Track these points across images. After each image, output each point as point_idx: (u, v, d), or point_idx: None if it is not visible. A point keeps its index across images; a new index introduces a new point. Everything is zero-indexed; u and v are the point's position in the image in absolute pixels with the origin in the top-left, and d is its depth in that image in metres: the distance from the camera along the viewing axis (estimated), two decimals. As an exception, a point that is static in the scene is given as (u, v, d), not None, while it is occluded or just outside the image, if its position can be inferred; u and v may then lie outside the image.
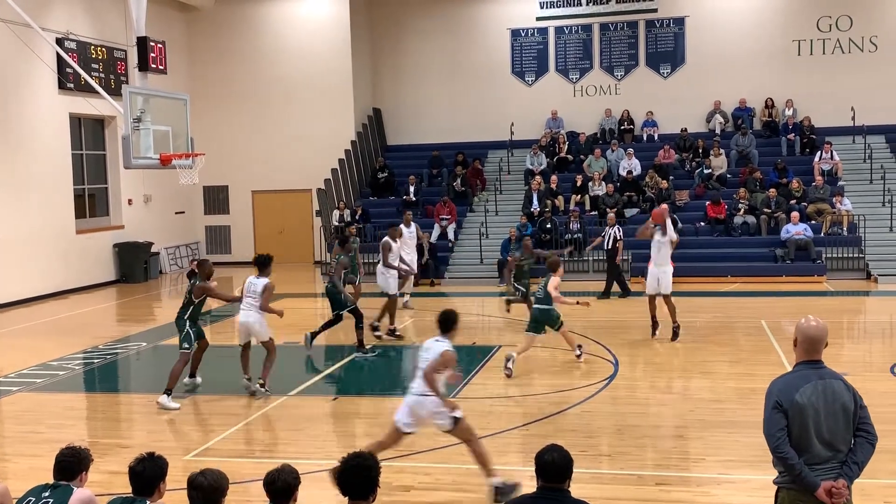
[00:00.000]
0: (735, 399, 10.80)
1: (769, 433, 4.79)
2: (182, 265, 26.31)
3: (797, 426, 4.75)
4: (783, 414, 4.75)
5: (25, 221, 20.38)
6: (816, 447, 4.76)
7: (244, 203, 27.67)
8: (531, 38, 27.22)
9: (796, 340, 4.96)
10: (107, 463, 8.82)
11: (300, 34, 26.79)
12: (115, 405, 11.84)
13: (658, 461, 8.63)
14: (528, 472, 8.36)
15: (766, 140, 25.29)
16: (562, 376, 11.61)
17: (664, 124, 26.35)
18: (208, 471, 4.90)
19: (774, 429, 4.76)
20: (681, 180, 24.18)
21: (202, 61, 27.14)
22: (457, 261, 22.92)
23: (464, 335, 15.97)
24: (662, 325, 14.17)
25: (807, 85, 25.37)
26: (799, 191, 22.47)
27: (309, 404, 10.96)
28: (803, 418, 4.74)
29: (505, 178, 25.52)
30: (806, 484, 4.72)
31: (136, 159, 13.12)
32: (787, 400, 4.76)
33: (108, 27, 23.07)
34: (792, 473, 4.76)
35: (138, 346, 15.43)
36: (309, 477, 7.90)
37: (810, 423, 4.74)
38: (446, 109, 27.52)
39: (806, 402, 4.74)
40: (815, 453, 4.76)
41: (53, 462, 5.32)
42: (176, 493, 5.29)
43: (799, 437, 4.76)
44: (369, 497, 4.66)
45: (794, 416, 4.75)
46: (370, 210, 24.89)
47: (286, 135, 26.74)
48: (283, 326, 16.97)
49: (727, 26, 25.97)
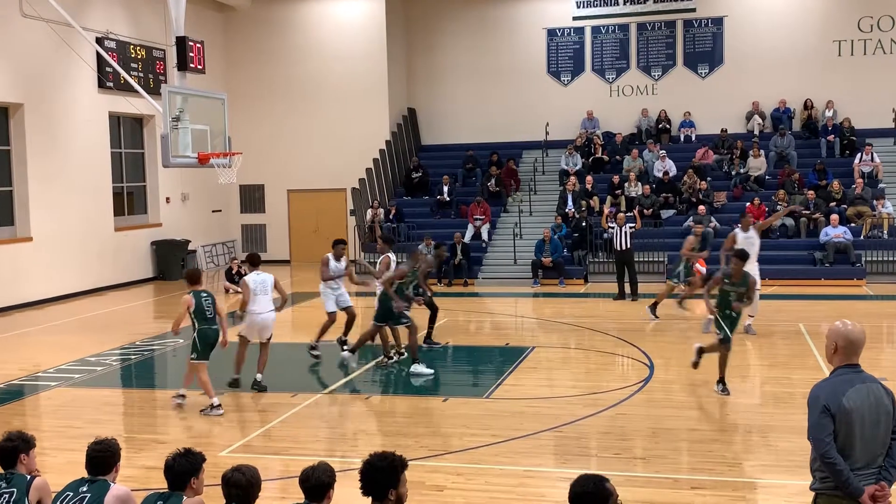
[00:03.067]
0: (772, 403, 10.67)
1: (817, 438, 4.69)
2: (218, 263, 26.54)
3: (843, 431, 4.68)
4: (831, 419, 4.67)
5: (65, 219, 20.66)
6: (860, 453, 4.69)
7: (280, 202, 27.84)
8: (567, 37, 27.11)
9: (836, 346, 4.84)
10: (143, 458, 8.92)
11: (336, 34, 26.90)
12: (151, 401, 11.96)
13: (693, 465, 8.54)
14: (563, 475, 8.36)
15: (805, 141, 24.97)
16: (596, 378, 11.54)
17: (701, 125, 26.12)
18: (243, 467, 4.92)
19: (823, 434, 4.67)
20: (718, 181, 23.95)
21: (239, 61, 27.36)
22: (490, 261, 22.88)
23: (497, 336, 16.00)
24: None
25: (847, 86, 25.01)
26: (839, 193, 22.16)
27: (343, 402, 10.99)
28: (849, 423, 4.67)
29: (539, 179, 25.46)
30: (852, 490, 4.64)
31: (175, 158, 13.23)
32: (834, 404, 4.68)
33: (146, 27, 23.32)
34: (839, 480, 4.66)
35: (175, 342, 15.57)
36: (343, 475, 7.93)
37: (856, 428, 4.67)
38: (481, 109, 27.49)
39: (853, 407, 4.67)
40: (858, 458, 4.69)
41: (85, 456, 5.37)
42: (211, 489, 5.32)
43: (844, 443, 4.68)
44: (388, 494, 4.57)
45: (841, 420, 4.67)
46: (404, 210, 24.93)
47: (321, 134, 26.87)
48: (316, 326, 17.06)
49: (766, 26, 25.68)
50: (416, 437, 9.30)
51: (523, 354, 13.51)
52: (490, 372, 12.97)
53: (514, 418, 10.06)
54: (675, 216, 22.75)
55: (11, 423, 9.98)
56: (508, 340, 14.98)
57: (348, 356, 12.75)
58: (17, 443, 5.53)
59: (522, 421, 9.93)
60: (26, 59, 19.54)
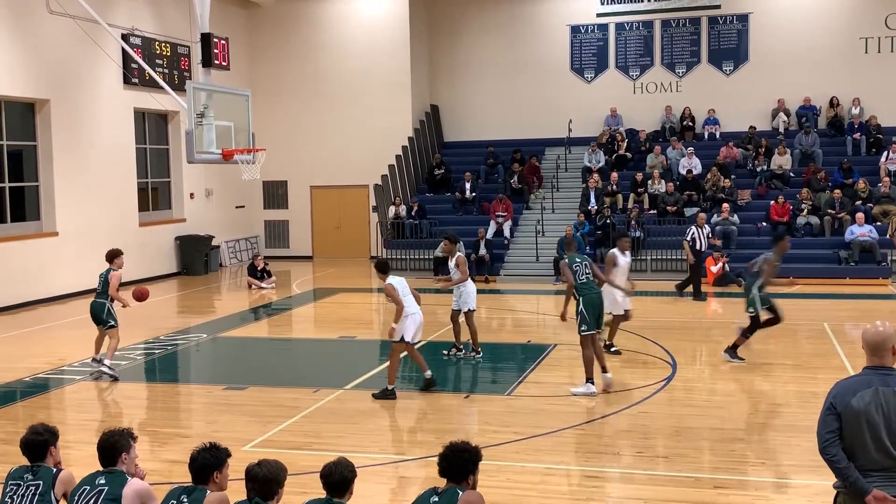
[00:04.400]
0: (795, 403, 10.60)
1: (819, 434, 4.79)
2: (241, 259, 26.68)
3: (851, 431, 4.70)
4: (836, 417, 4.72)
5: (90, 214, 20.83)
6: (873, 454, 4.67)
7: (302, 198, 27.94)
8: (591, 34, 27.01)
9: (863, 346, 4.91)
10: (167, 452, 9.00)
11: (359, 30, 26.94)
12: (175, 395, 12.05)
13: (716, 464, 8.50)
14: (585, 472, 8.34)
15: (830, 139, 24.75)
16: (618, 376, 11.50)
17: (726, 122, 25.96)
18: (265, 461, 4.96)
19: (824, 430, 4.76)
20: (742, 179, 23.79)
21: (263, 57, 27.47)
22: (512, 258, 22.86)
23: (518, 333, 15.98)
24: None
25: (874, 83, 24.77)
26: (865, 191, 21.96)
27: (365, 398, 11.02)
28: (857, 423, 4.67)
29: (562, 176, 25.39)
30: (856, 488, 4.67)
31: (199, 154, 13.31)
32: (841, 403, 4.72)
33: (171, 23, 23.47)
34: (840, 476, 4.73)
35: (198, 337, 15.68)
36: (365, 471, 7.95)
37: (865, 429, 4.67)
38: (504, 106, 27.45)
39: (862, 408, 4.67)
40: (872, 459, 4.68)
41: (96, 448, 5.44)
42: (234, 483, 5.36)
43: (852, 442, 4.70)
44: (463, 482, 5.05)
45: (849, 420, 4.69)
46: (426, 206, 24.95)
47: (344, 130, 26.93)
48: (338, 322, 17.14)
49: (792, 23, 25.47)
50: (438, 433, 9.31)
51: (545, 352, 13.49)
52: (512, 369, 12.96)
53: (536, 416, 10.05)
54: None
55: (36, 416, 10.09)
56: (530, 338, 14.97)
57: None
58: (46, 436, 5.59)
59: (544, 418, 9.91)
60: (52, 56, 19.72)
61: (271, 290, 21.15)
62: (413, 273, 22.44)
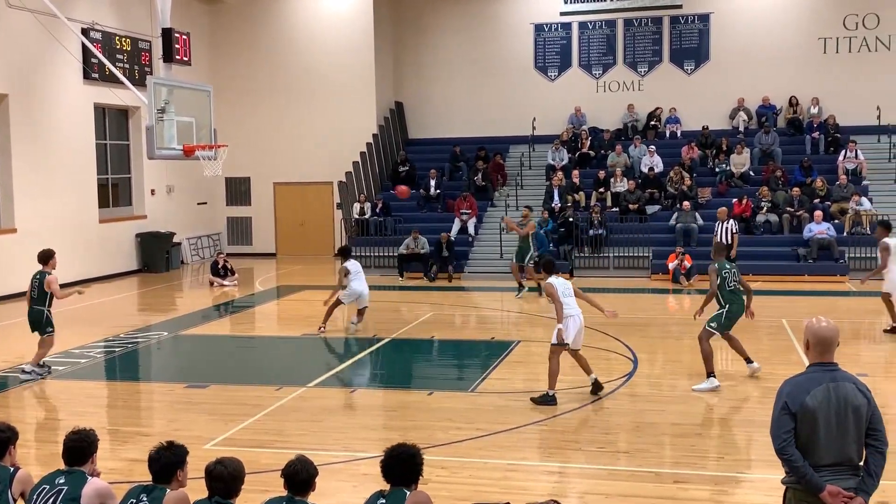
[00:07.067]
0: (755, 398, 10.75)
1: (775, 434, 4.78)
2: (204, 256, 26.47)
3: (806, 429, 4.72)
4: (791, 417, 4.73)
5: (49, 210, 20.55)
6: (825, 450, 4.72)
7: (266, 195, 27.78)
8: (554, 33, 27.13)
9: (808, 342, 4.93)
10: (127, 451, 8.91)
11: (323, 27, 26.83)
12: (135, 393, 11.93)
13: (676, 459, 8.60)
14: (547, 468, 8.41)
15: (790, 138, 25.09)
16: (580, 373, 11.57)
17: (687, 121, 26.22)
18: (226, 459, 4.94)
19: (780, 431, 4.75)
20: (703, 177, 24.05)
21: (226, 53, 27.26)
22: (476, 255, 22.91)
23: (482, 330, 16.03)
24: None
25: (832, 83, 25.15)
26: (823, 190, 22.29)
27: (328, 396, 11.00)
28: (813, 421, 4.71)
29: (526, 174, 25.50)
30: (811, 486, 4.70)
31: (160, 150, 13.21)
32: (795, 403, 4.74)
33: (133, 18, 23.20)
34: (797, 475, 4.74)
35: (159, 335, 15.55)
36: (327, 468, 7.94)
37: (820, 427, 4.71)
38: (468, 104, 27.49)
39: (816, 406, 4.71)
40: (825, 456, 4.72)
41: (62, 447, 5.37)
42: (195, 482, 5.33)
43: (808, 440, 4.73)
44: (411, 485, 4.92)
45: (803, 419, 4.72)
46: (391, 203, 24.92)
47: (308, 127, 26.82)
48: (302, 319, 17.06)
49: (752, 23, 25.78)
50: (401, 430, 9.32)
51: (509, 348, 13.55)
52: (475, 366, 13.01)
53: (499, 412, 10.10)
54: (661, 212, 22.84)
55: (-6, 415, 9.94)
56: (494, 334, 15.02)
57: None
58: (8, 434, 5.51)
59: (507, 415, 9.96)
60: (11, 50, 19.41)
61: (234, 288, 21.02)
62: (377, 271, 22.42)
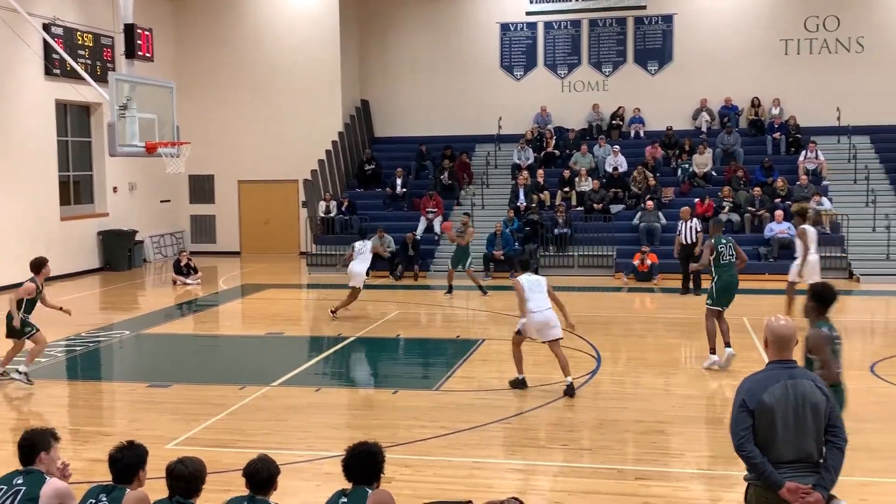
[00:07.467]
0: (716, 395, 10.88)
1: (733, 431, 4.83)
2: (167, 254, 26.23)
3: (764, 426, 4.78)
4: (749, 414, 4.79)
5: (10, 208, 20.26)
6: (784, 447, 4.78)
7: (230, 192, 27.58)
8: (520, 32, 27.22)
9: (766, 340, 5.01)
10: (88, 451, 8.82)
11: (289, 24, 26.69)
12: (97, 393, 11.81)
13: (638, 456, 8.69)
14: (511, 466, 8.45)
15: (752, 138, 25.39)
16: (544, 371, 11.64)
17: (651, 121, 26.43)
18: (187, 459, 4.93)
19: (738, 428, 4.80)
20: (666, 177, 24.27)
21: (189, 50, 27.02)
22: (443, 254, 22.91)
23: (448, 328, 16.06)
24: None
25: (793, 84, 25.48)
26: (784, 189, 22.58)
27: (292, 395, 10.96)
28: (771, 418, 4.77)
29: (492, 173, 25.56)
30: (770, 482, 4.75)
31: (122, 147, 13.10)
32: (753, 400, 4.80)
33: (95, 13, 22.92)
34: (756, 472, 4.80)
35: (121, 334, 15.39)
36: (290, 468, 7.92)
37: (778, 424, 4.77)
38: (434, 102, 27.49)
39: (774, 403, 4.77)
40: (782, 452, 4.78)
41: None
42: (157, 482, 5.30)
43: (766, 437, 4.79)
44: (373, 483, 4.94)
45: (761, 416, 4.78)
46: (357, 202, 24.86)
47: (273, 125, 26.66)
48: (266, 318, 16.99)
49: (715, 24, 26.04)
50: (365, 429, 9.31)
51: (474, 347, 13.58)
52: (440, 364, 13.03)
53: (464, 410, 10.13)
54: (625, 211, 23.01)
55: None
56: (459, 333, 15.05)
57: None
58: None
59: (472, 413, 10.00)
60: (-31, 45, 19.12)
61: (197, 286, 20.85)
62: (343, 269, 22.31)
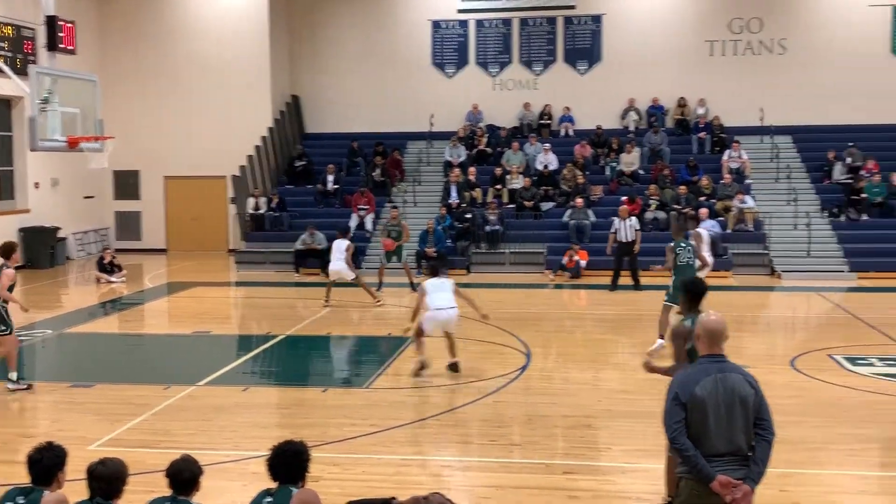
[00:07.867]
0: (643, 390, 11.01)
1: (667, 424, 4.95)
2: (90, 251, 25.62)
3: (696, 419, 4.89)
4: (681, 407, 4.90)
5: (-77, 203, 19.59)
6: (715, 440, 4.88)
7: (156, 189, 27.06)
8: (452, 30, 27.26)
9: (698, 335, 5.12)
10: (8, 453, 8.57)
11: (216, 16, 26.29)
12: (17, 393, 11.46)
13: (566, 450, 8.78)
14: (441, 462, 8.46)
15: (678, 138, 25.86)
16: (474, 367, 11.69)
17: (581, 120, 26.71)
18: (107, 459, 4.84)
19: (671, 420, 4.91)
20: (595, 175, 24.57)
21: (114, 42, 26.41)
22: (374, 252, 22.82)
23: (379, 326, 16.01)
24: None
25: (718, 85, 26.03)
26: (708, 188, 23.05)
27: (219, 394, 10.81)
28: (702, 412, 4.88)
29: (424, 170, 25.56)
30: (702, 475, 4.85)
31: (43, 141, 12.77)
32: (685, 393, 4.91)
33: (15, 5, 22.23)
34: (688, 464, 4.90)
35: (43, 333, 14.99)
36: (216, 468, 7.80)
37: (709, 417, 4.88)
38: (366, 99, 27.36)
39: (705, 396, 4.88)
40: (714, 445, 4.88)
41: None
42: (78, 484, 5.17)
43: (698, 430, 4.89)
44: (298, 482, 4.95)
45: (693, 409, 4.89)
46: (287, 198, 24.61)
47: (201, 120, 26.22)
48: (193, 316, 16.72)
49: (642, 25, 26.45)
50: (294, 428, 9.23)
51: (405, 344, 13.55)
52: (371, 362, 12.99)
53: (395, 408, 10.11)
54: (555, 208, 23.24)
55: None
56: (390, 330, 15.01)
57: None
58: None
59: (402, 410, 10.00)
60: None
61: (121, 284, 20.41)
62: (273, 267, 22.16)
